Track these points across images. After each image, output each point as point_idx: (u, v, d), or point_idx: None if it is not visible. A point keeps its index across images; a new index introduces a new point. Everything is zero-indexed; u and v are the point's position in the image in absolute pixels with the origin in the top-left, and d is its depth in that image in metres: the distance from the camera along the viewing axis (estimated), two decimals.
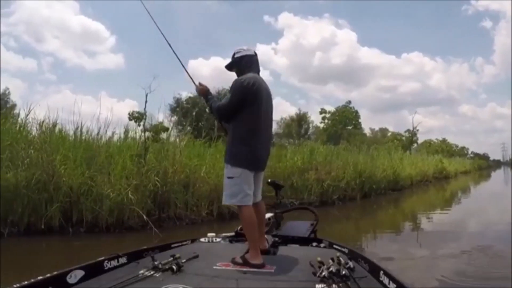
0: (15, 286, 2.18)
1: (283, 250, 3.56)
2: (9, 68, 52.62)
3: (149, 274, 2.71)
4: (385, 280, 2.50)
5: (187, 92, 29.64)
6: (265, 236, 3.63)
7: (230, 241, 4.03)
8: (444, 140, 67.13)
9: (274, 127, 32.28)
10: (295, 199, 13.14)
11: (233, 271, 2.88)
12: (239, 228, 4.09)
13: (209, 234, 4.17)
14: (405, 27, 67.54)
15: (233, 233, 4.23)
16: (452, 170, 38.74)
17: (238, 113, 3.21)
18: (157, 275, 2.69)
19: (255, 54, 3.49)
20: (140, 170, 9.17)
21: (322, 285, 2.41)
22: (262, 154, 3.36)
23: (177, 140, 11.65)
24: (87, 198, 8.19)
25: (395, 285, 2.36)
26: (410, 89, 69.74)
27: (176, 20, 63.03)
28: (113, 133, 10.60)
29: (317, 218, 4.66)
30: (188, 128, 16.59)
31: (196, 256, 3.17)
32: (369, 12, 70.85)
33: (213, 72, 50.21)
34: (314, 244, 3.88)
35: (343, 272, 2.49)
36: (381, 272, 2.59)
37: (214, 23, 63.43)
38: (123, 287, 2.45)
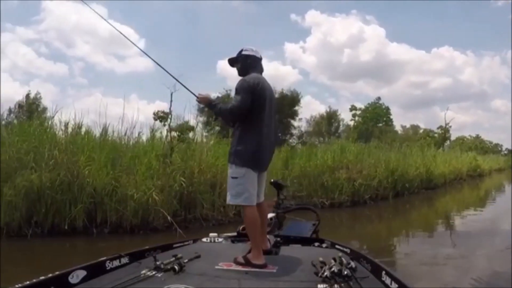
0: (17, 286, 2.15)
1: (285, 250, 3.57)
2: (41, 73, 54.17)
3: (151, 274, 2.70)
4: (387, 280, 2.46)
5: (216, 93, 29.50)
6: (267, 236, 3.63)
7: (232, 241, 4.04)
8: (477, 137, 65.25)
9: (304, 125, 32.15)
10: (326, 199, 12.81)
11: (235, 271, 2.88)
12: (241, 228, 4.14)
13: (211, 234, 4.19)
14: (434, 20, 66.01)
15: (235, 233, 4.22)
16: (486, 168, 37.55)
17: (240, 117, 3.22)
18: (159, 275, 2.68)
19: (261, 58, 3.53)
20: (165, 170, 8.99)
21: (324, 285, 2.42)
22: (266, 154, 3.37)
23: (204, 139, 11.48)
24: (111, 199, 8.10)
25: (397, 285, 2.33)
26: (441, 84, 67.98)
27: (203, 21, 63.35)
28: (139, 133, 10.63)
29: (318, 218, 4.63)
30: (217, 127, 16.45)
31: (198, 256, 3.17)
32: (396, 7, 69.56)
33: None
34: (316, 244, 3.89)
35: (345, 272, 2.49)
36: (383, 272, 2.56)
37: (242, 23, 63.47)
38: (125, 287, 2.43)
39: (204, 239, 4.10)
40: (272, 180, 4.47)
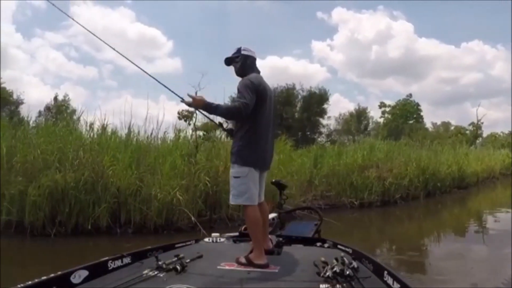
0: (18, 286, 2.14)
1: (287, 250, 3.58)
2: (72, 77, 55.30)
3: (153, 274, 2.70)
4: (389, 280, 2.44)
5: None
6: (269, 236, 3.65)
7: (234, 241, 4.06)
8: (510, 133, 63.22)
9: (333, 124, 31.80)
10: (355, 198, 12.48)
11: (237, 271, 2.89)
12: (243, 228, 4.19)
13: (213, 234, 4.21)
14: (462, 14, 63.82)
15: (237, 233, 4.26)
16: None
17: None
18: (161, 275, 2.68)
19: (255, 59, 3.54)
20: (190, 169, 8.89)
21: (326, 285, 2.40)
22: (268, 154, 3.41)
23: (229, 138, 11.31)
24: (135, 199, 8.05)
25: (399, 285, 2.31)
26: (471, 80, 65.75)
27: (230, 21, 63.31)
28: (164, 133, 10.64)
29: (321, 218, 4.62)
30: None
31: (200, 256, 3.19)
32: (424, 1, 67.71)
33: (270, 71, 49.94)
34: (318, 244, 3.89)
35: (347, 272, 2.49)
36: (385, 272, 2.55)
37: (268, 23, 63.10)
38: (127, 287, 2.43)
39: (206, 239, 4.14)
40: (273, 180, 4.48)
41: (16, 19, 52.93)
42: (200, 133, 12.26)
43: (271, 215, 4.28)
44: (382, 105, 44.75)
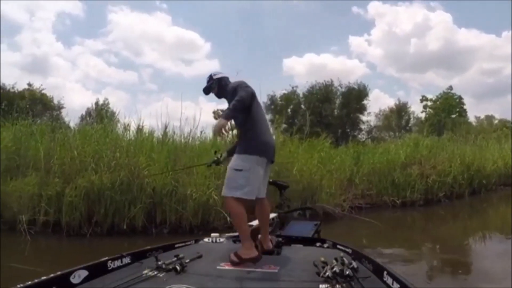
0: (19, 286, 2.14)
1: (286, 250, 3.59)
2: (113, 81, 56.85)
3: (153, 274, 2.70)
4: (389, 281, 2.44)
5: (281, 90, 29.31)
6: (269, 236, 3.63)
7: (234, 241, 4.04)
8: None
9: (373, 120, 31.19)
10: (397, 197, 12.05)
11: (237, 271, 2.87)
12: None
13: (213, 234, 4.25)
14: (501, 0, 61.01)
15: (236, 233, 4.13)
16: None
17: (248, 108, 3.28)
18: (161, 275, 2.68)
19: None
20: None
21: (326, 285, 2.40)
22: (273, 145, 3.46)
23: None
24: (170, 199, 8.03)
25: (399, 286, 2.30)
26: None
27: (265, 20, 63.08)
28: (201, 132, 10.73)
29: (321, 218, 4.70)
30: (284, 125, 16.06)
31: (200, 256, 3.18)
32: None
33: (308, 68, 49.64)
34: (318, 244, 3.87)
35: (347, 272, 2.49)
36: (385, 272, 2.54)
37: (303, 21, 62.46)
38: (127, 287, 2.43)
39: (206, 239, 4.17)
40: (271, 180, 4.32)
41: (56, 29, 54.83)
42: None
43: (271, 215, 4.25)
44: (423, 98, 43.26)
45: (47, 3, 54.85)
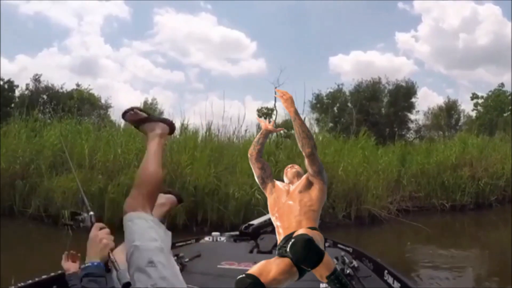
0: (19, 284, 2.21)
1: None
2: (160, 81, 57.88)
3: None
4: (389, 279, 2.46)
5: (327, 89, 28.90)
6: (269, 236, 3.65)
7: (235, 240, 4.09)
8: None
9: (422, 119, 30.05)
10: (446, 200, 11.48)
11: (237, 270, 2.90)
12: (243, 227, 4.37)
13: (214, 233, 4.35)
14: None
15: (237, 232, 4.33)
16: None
17: None
18: None
19: None
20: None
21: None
22: None
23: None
24: (212, 198, 7.98)
25: (399, 285, 2.32)
26: None
27: (309, 19, 62.38)
28: (245, 131, 10.74)
29: (321, 218, 4.10)
30: (330, 124, 15.78)
31: (199, 255, 3.22)
32: None
33: (355, 66, 48.80)
34: None
35: (347, 271, 2.53)
36: (385, 271, 2.56)
37: (348, 19, 61.50)
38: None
39: (206, 238, 4.24)
40: None
41: (104, 32, 56.16)
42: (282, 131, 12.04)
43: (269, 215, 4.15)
44: (474, 96, 41.55)
45: (95, 7, 56.60)
